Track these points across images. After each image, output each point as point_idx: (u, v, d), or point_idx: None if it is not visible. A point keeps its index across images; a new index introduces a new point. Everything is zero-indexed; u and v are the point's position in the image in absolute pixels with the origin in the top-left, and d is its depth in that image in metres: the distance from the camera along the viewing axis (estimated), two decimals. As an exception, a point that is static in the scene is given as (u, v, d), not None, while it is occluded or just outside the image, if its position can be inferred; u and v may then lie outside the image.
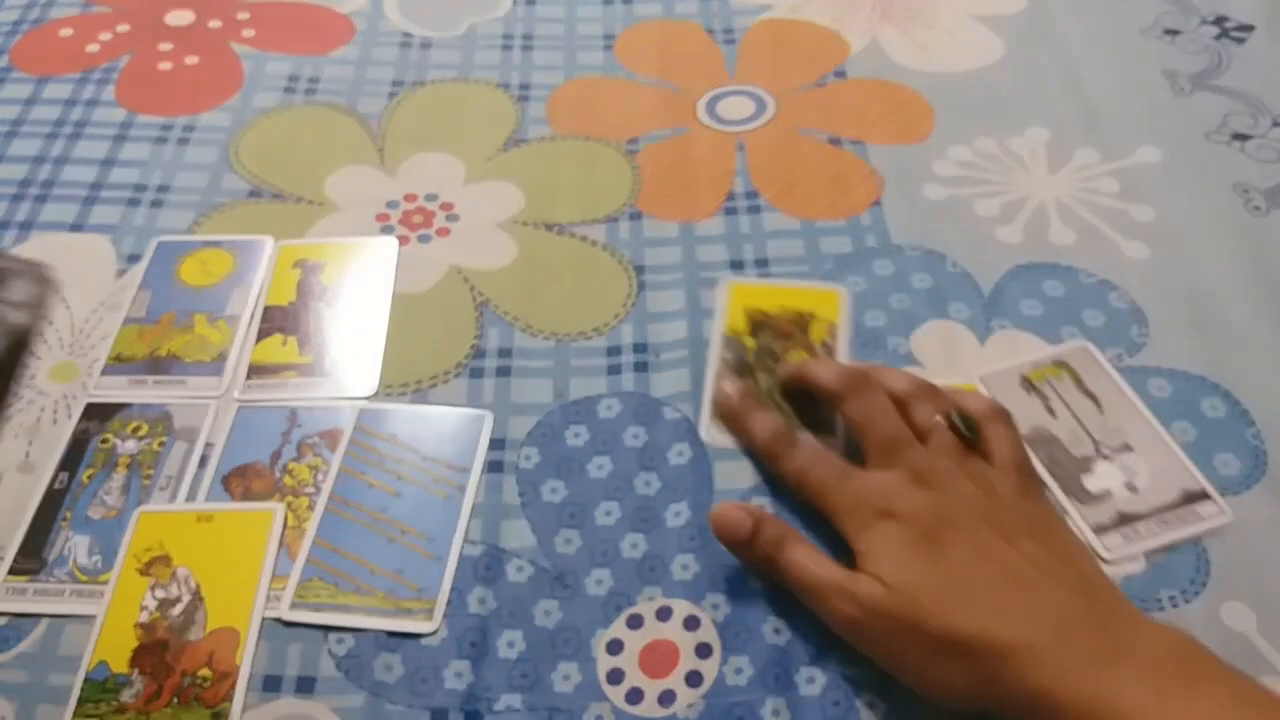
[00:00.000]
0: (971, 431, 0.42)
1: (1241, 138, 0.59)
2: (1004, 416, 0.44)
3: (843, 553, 0.41)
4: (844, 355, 0.50)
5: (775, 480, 0.45)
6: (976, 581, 0.38)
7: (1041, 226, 0.55)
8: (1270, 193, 0.56)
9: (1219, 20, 0.67)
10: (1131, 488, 0.45)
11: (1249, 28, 0.66)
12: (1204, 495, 0.44)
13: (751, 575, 0.43)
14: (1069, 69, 0.64)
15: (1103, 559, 0.43)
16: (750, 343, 0.50)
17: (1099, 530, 0.44)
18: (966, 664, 0.37)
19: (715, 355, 0.49)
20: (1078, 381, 0.48)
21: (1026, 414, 0.47)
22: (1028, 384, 0.48)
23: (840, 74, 0.65)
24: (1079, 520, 0.44)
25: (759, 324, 0.50)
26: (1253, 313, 0.51)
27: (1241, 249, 0.54)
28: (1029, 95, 0.62)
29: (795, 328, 0.50)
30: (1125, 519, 0.44)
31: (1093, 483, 0.45)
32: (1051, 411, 0.47)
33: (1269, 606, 0.41)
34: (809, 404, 0.47)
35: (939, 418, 0.43)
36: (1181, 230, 0.55)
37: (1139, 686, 0.34)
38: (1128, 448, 0.46)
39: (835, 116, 0.62)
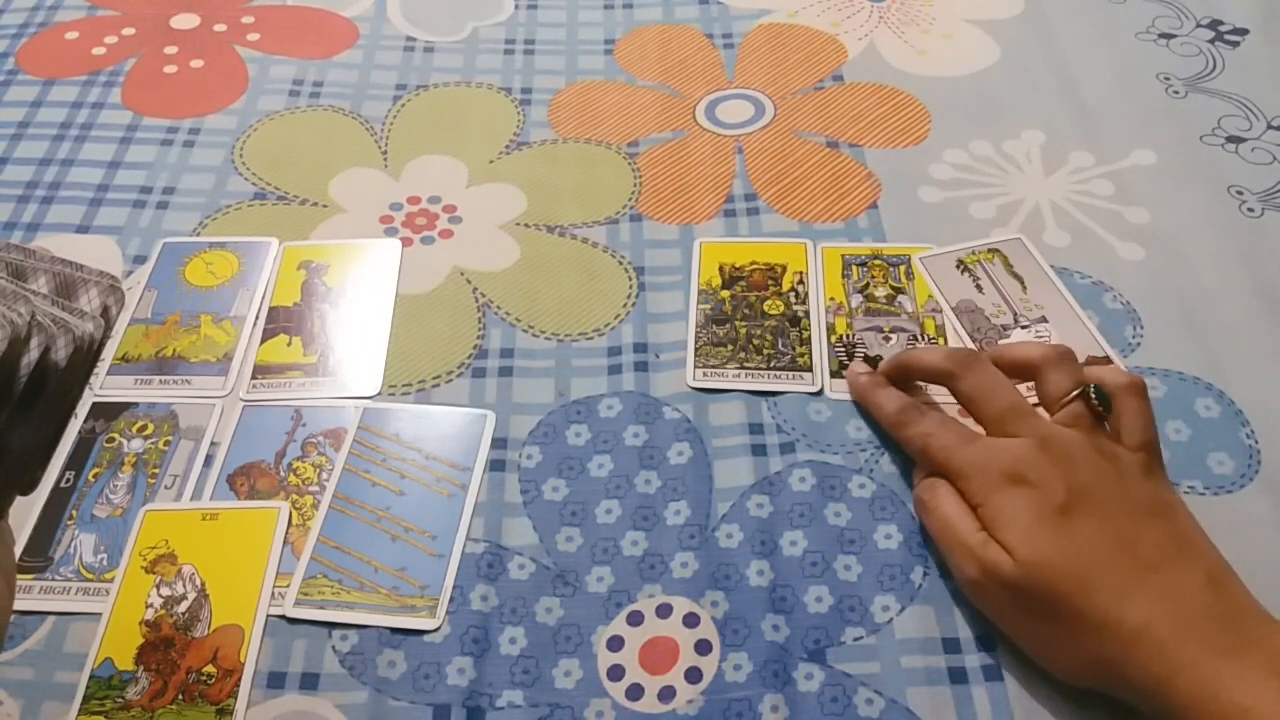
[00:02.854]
0: (1106, 406, 0.42)
1: (1235, 140, 0.60)
2: (1140, 390, 0.42)
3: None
4: (815, 299, 0.52)
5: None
6: (1106, 563, 0.37)
7: (1037, 229, 0.56)
8: (1264, 195, 0.57)
9: (1213, 24, 0.67)
10: None
11: (1243, 31, 0.67)
12: (1107, 360, 0.49)
13: (750, 573, 0.43)
14: (1064, 72, 0.65)
15: None
16: (725, 294, 0.52)
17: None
18: (1088, 644, 0.37)
19: (693, 308, 0.52)
20: (1008, 266, 0.53)
21: (957, 290, 0.52)
22: (962, 265, 0.53)
23: (838, 78, 0.65)
24: None
25: (732, 278, 0.53)
26: (1246, 314, 0.52)
27: (1235, 251, 0.54)
28: (1024, 98, 0.63)
29: (768, 279, 0.53)
30: None
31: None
32: (979, 288, 0.52)
33: (1264, 604, 0.41)
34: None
35: (1074, 390, 0.42)
36: (1176, 232, 0.55)
37: (1259, 682, 0.34)
38: (1044, 320, 0.50)
39: (833, 120, 0.62)
